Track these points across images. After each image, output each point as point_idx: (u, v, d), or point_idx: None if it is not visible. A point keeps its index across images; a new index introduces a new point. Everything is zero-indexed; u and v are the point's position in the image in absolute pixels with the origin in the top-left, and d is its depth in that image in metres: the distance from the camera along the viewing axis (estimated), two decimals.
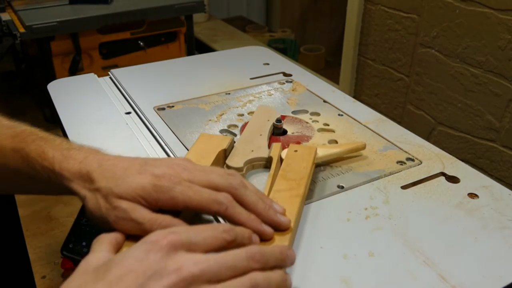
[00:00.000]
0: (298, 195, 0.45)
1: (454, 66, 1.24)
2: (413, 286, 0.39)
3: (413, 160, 0.56)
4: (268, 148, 0.55)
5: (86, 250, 1.08)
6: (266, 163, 0.53)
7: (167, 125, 0.63)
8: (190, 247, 0.34)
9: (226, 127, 0.63)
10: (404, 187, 0.51)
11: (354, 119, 0.66)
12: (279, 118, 0.62)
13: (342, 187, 0.51)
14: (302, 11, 2.65)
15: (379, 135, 0.61)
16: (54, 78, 1.22)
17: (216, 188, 0.40)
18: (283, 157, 0.52)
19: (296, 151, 0.52)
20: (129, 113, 0.67)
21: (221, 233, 0.35)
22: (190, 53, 1.79)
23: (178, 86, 0.75)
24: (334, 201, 0.49)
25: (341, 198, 0.50)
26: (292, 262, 0.37)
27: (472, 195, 0.50)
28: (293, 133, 0.62)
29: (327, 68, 2.36)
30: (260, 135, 0.57)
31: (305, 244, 0.43)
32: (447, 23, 1.23)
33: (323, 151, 0.54)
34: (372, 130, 0.63)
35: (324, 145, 0.59)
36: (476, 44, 1.17)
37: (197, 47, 2.03)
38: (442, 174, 0.54)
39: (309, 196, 0.50)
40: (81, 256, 1.05)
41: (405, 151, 0.58)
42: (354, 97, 1.13)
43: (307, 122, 0.64)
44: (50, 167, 0.42)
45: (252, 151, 0.54)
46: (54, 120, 0.63)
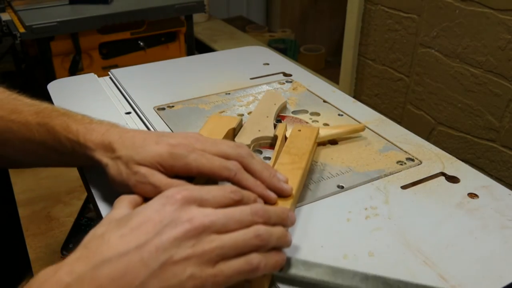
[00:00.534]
0: (300, 168, 0.49)
1: (454, 66, 1.24)
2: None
3: (413, 160, 0.56)
4: (274, 128, 0.58)
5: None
6: (272, 142, 0.57)
7: (167, 125, 0.63)
8: (202, 203, 0.37)
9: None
10: (404, 187, 0.51)
11: (354, 119, 0.66)
12: (279, 118, 0.62)
13: (342, 187, 0.51)
14: (302, 11, 2.65)
15: (379, 135, 0.61)
16: (54, 78, 1.22)
17: (226, 156, 0.44)
18: (288, 135, 0.55)
19: (299, 131, 0.56)
20: (129, 113, 0.67)
21: (229, 193, 0.39)
22: (190, 53, 1.79)
23: (178, 86, 0.75)
24: (334, 201, 0.49)
25: (341, 198, 0.50)
26: (292, 223, 0.41)
27: (472, 195, 0.50)
28: None
29: (327, 68, 2.36)
30: (266, 117, 0.61)
31: (305, 244, 0.43)
32: (447, 23, 1.23)
33: (325, 132, 0.58)
34: (372, 130, 0.63)
35: (325, 126, 0.63)
36: (476, 44, 1.17)
37: (197, 47, 2.02)
38: (442, 174, 0.54)
39: (309, 196, 0.50)
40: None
41: (405, 151, 0.58)
42: (354, 97, 1.13)
43: (307, 122, 0.64)
44: (75, 139, 0.46)
45: (259, 131, 0.57)
46: None
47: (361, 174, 0.53)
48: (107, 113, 0.67)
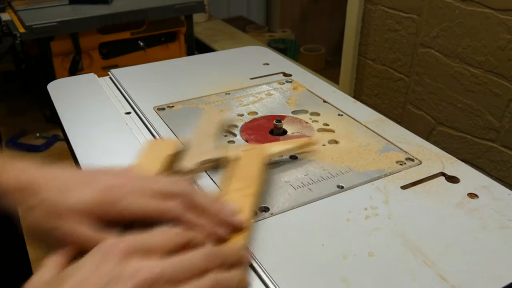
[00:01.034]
0: (251, 194, 0.46)
1: (454, 66, 1.24)
2: (413, 286, 0.39)
3: (413, 160, 0.56)
4: (217, 150, 0.55)
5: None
6: (216, 165, 0.53)
7: (167, 125, 0.63)
8: (145, 253, 0.33)
9: (226, 127, 0.63)
10: (404, 187, 0.51)
11: (354, 119, 0.66)
12: (279, 118, 0.62)
13: (342, 187, 0.51)
14: (302, 11, 2.65)
15: (379, 135, 0.61)
16: (54, 78, 1.22)
17: (167, 195, 0.39)
18: (234, 158, 0.52)
19: (246, 151, 0.52)
20: (129, 113, 0.67)
21: (174, 236, 0.35)
22: (190, 53, 1.79)
23: (178, 86, 0.75)
24: (334, 201, 0.49)
25: (341, 198, 0.50)
26: (247, 262, 0.37)
27: (472, 195, 0.50)
28: (292, 133, 0.62)
29: (327, 68, 2.36)
30: (208, 138, 0.57)
31: (305, 244, 0.43)
32: (447, 23, 1.23)
33: (275, 148, 0.55)
34: (372, 130, 0.63)
35: (276, 142, 0.59)
36: (476, 44, 1.17)
37: (197, 47, 2.02)
38: (442, 174, 0.54)
39: (309, 196, 0.50)
40: (81, 256, 1.05)
41: (405, 151, 0.58)
42: (354, 97, 1.13)
43: (307, 122, 0.64)
44: None
45: (201, 154, 0.54)
46: (54, 120, 0.63)
47: (361, 174, 0.53)
48: (107, 113, 0.67)
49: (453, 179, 0.53)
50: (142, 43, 1.70)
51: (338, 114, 0.67)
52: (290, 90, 0.74)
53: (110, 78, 0.79)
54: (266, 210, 0.47)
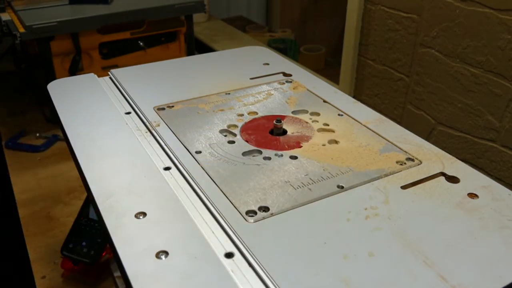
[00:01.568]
0: None
1: (454, 66, 1.24)
2: (413, 286, 0.39)
3: (413, 160, 0.56)
4: None
5: (86, 250, 1.08)
6: None
7: (167, 125, 0.63)
8: None
9: (226, 127, 0.63)
10: (404, 187, 0.51)
11: (354, 119, 0.66)
12: (279, 118, 0.62)
13: (342, 187, 0.51)
14: (302, 11, 2.65)
15: (379, 135, 0.61)
16: (54, 78, 1.22)
17: None
18: None
19: None
20: (129, 113, 0.67)
21: None
22: (190, 53, 1.79)
23: (178, 86, 0.75)
24: (334, 201, 0.49)
25: (341, 198, 0.50)
26: None
27: (472, 195, 0.50)
28: (293, 133, 0.62)
29: (327, 68, 2.36)
30: None
31: (305, 244, 0.43)
32: (447, 23, 1.23)
33: None
34: (372, 130, 0.63)
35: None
36: (476, 44, 1.17)
37: (197, 47, 2.02)
38: (442, 174, 0.54)
39: (309, 196, 0.50)
40: (81, 256, 1.05)
41: (405, 151, 0.58)
42: (354, 97, 1.13)
43: (307, 122, 0.64)
44: None
45: None
46: (54, 120, 0.63)
47: (361, 174, 0.53)
48: (107, 113, 0.66)
49: (453, 179, 0.53)
50: (142, 43, 1.70)
51: (338, 114, 0.67)
52: (290, 90, 0.74)
53: (110, 78, 0.79)
54: (266, 210, 0.47)
